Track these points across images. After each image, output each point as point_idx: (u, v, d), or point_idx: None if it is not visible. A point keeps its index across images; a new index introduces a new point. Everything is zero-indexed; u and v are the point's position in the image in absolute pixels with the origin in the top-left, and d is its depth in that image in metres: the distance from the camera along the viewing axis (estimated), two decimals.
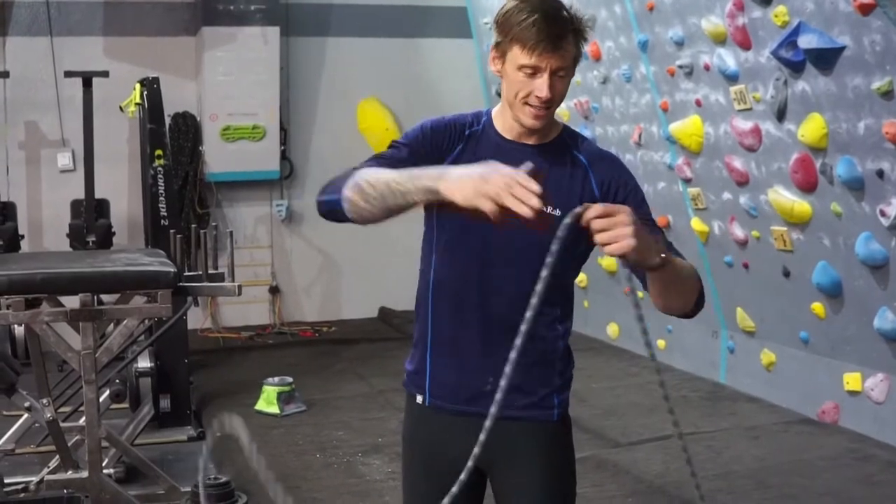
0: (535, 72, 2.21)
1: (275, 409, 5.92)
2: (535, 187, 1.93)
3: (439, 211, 2.31)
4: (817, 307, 5.38)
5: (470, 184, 1.99)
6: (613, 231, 1.95)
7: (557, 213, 2.22)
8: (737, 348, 6.34)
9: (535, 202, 1.92)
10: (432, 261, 2.39)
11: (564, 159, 2.35)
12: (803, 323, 5.54)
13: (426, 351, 2.42)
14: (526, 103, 2.25)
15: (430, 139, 2.33)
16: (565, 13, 2.23)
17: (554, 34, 2.18)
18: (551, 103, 2.25)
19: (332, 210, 2.26)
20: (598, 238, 1.97)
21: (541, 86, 2.22)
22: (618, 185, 2.34)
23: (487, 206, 1.95)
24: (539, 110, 2.25)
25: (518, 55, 2.22)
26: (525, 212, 1.92)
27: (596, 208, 1.97)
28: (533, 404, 2.40)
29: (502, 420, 2.37)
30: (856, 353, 5.26)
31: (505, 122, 2.36)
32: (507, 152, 2.28)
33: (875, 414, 5.16)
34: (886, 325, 4.92)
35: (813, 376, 5.59)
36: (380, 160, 2.30)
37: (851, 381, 5.28)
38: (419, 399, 2.45)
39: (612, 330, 7.75)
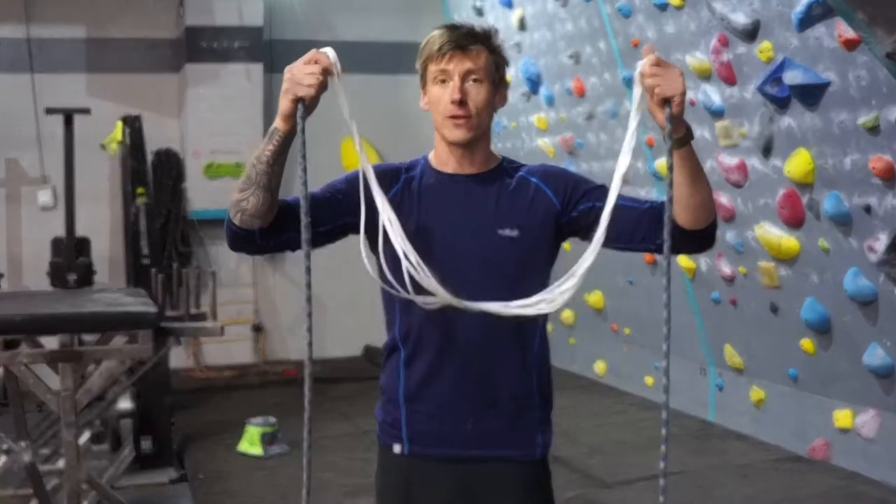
0: (445, 78, 2.24)
1: (258, 451, 5.83)
2: (312, 56, 2.04)
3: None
4: (806, 343, 5.35)
5: (281, 96, 2.06)
6: (666, 76, 2.00)
7: (516, 233, 2.25)
8: (725, 385, 6.30)
9: (315, 69, 2.02)
10: (395, 309, 2.30)
11: (511, 183, 2.32)
12: (792, 359, 5.51)
13: (398, 398, 2.34)
14: (447, 117, 2.24)
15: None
16: (475, 28, 2.27)
17: (459, 37, 2.24)
18: (468, 109, 2.22)
19: (230, 231, 2.29)
20: (651, 82, 2.00)
21: (452, 88, 2.22)
22: (571, 188, 2.34)
23: (286, 104, 2.05)
24: (458, 119, 2.23)
25: (432, 70, 2.26)
26: (307, 90, 2.02)
27: (650, 59, 2.01)
28: (513, 442, 2.33)
29: (482, 462, 2.31)
30: (846, 390, 5.22)
31: (440, 157, 2.33)
32: (448, 185, 2.30)
33: (865, 451, 5.11)
34: (876, 362, 4.88)
35: (803, 413, 5.54)
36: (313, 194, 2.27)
37: (841, 417, 5.24)
38: (396, 449, 2.36)
39: (599, 367, 7.70)
